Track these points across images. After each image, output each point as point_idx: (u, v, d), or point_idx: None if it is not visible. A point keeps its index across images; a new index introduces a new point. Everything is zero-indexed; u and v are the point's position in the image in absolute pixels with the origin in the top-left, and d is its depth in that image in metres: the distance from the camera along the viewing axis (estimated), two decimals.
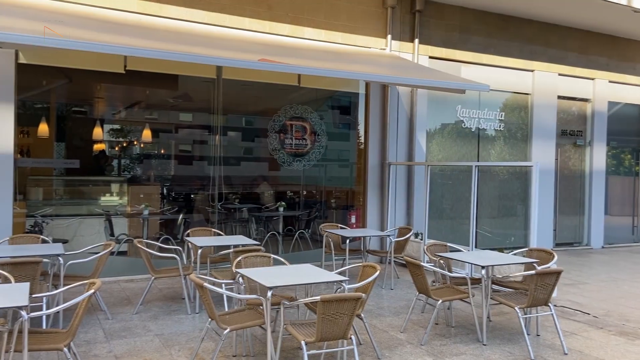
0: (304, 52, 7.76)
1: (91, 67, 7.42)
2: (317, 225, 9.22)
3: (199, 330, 5.22)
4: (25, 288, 3.63)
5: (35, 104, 8.56)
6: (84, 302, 3.61)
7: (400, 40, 9.11)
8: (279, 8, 8.10)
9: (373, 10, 8.87)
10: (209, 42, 6.95)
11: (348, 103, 9.89)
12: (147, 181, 10.34)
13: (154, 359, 4.47)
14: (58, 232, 7.77)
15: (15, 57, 6.51)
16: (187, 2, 7.44)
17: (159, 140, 10.69)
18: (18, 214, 6.74)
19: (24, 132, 8.19)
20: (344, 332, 3.82)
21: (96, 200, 8.87)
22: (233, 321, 4.19)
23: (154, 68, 7.74)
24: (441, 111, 9.83)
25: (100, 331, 5.13)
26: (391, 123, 9.08)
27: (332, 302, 3.69)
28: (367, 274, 4.54)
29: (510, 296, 5.25)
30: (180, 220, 9.07)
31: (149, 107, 10.29)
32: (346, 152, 10.09)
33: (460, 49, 9.74)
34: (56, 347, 3.55)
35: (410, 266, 5.17)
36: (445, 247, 6.06)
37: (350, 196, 9.90)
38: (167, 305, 6.14)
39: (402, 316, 5.87)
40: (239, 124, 11.13)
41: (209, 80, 8.43)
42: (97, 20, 6.56)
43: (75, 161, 8.13)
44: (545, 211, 10.59)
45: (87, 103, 9.94)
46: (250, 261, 5.03)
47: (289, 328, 4.05)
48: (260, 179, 10.70)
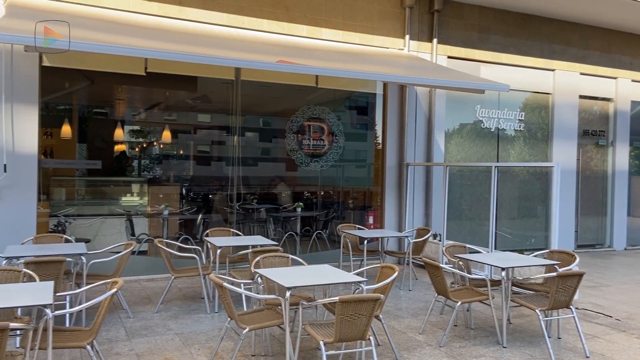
0: (321, 53, 7.78)
1: (112, 69, 7.54)
2: (335, 225, 9.23)
3: (218, 329, 5.27)
4: (49, 287, 3.70)
5: (57, 106, 8.72)
6: (106, 301, 3.68)
7: (418, 40, 9.06)
8: (297, 9, 8.13)
9: (391, 10, 8.84)
10: (227, 44, 7.01)
11: (365, 103, 9.87)
12: (167, 181, 10.47)
13: (175, 357, 4.52)
14: (80, 231, 7.91)
15: (39, 61, 6.64)
16: (207, 4, 7.51)
17: (178, 141, 10.81)
18: (42, 214, 6.88)
19: (47, 133, 8.35)
20: (363, 333, 3.82)
21: (117, 201, 9.01)
22: (252, 321, 4.22)
23: (173, 70, 7.83)
24: (460, 111, 9.76)
25: (122, 329, 5.21)
26: (409, 123, 9.04)
27: (351, 302, 3.70)
28: (386, 275, 4.53)
29: (531, 298, 5.19)
30: (199, 220, 9.16)
31: (168, 109, 10.41)
32: (363, 153, 10.08)
33: (480, 48, 9.66)
34: (79, 344, 3.61)
35: (429, 267, 5.15)
36: (464, 249, 6.01)
37: (367, 197, 9.89)
38: (187, 304, 6.20)
39: (421, 317, 5.84)
40: (257, 124, 11.20)
41: (227, 82, 8.50)
42: (118, 24, 6.66)
43: (97, 162, 8.27)
44: (566, 212, 10.44)
45: (108, 105, 10.10)
46: (268, 261, 5.06)
47: (307, 328, 4.06)
48: (278, 180, 10.74)
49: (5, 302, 3.43)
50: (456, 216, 9.62)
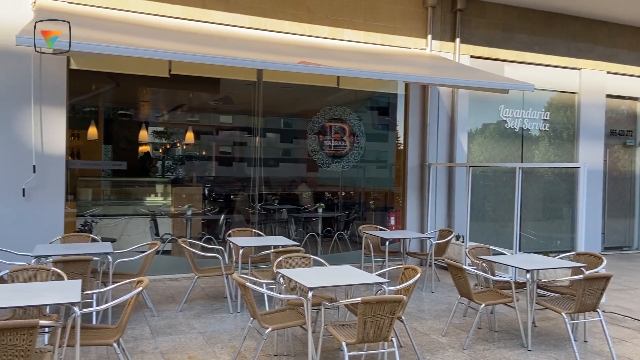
0: (343, 54, 7.78)
1: (137, 71, 7.67)
2: (356, 226, 9.22)
3: (241, 329, 5.31)
4: (77, 285, 3.78)
5: (84, 108, 8.89)
6: (132, 300, 3.74)
7: (440, 40, 9.00)
8: (319, 10, 8.15)
9: (413, 10, 8.80)
10: (250, 46, 7.06)
11: (387, 104, 9.84)
12: (190, 182, 10.58)
13: (198, 356, 4.57)
14: (106, 231, 8.06)
15: (67, 64, 6.79)
16: (229, 6, 7.58)
17: (201, 142, 10.92)
18: (69, 214, 7.03)
19: (74, 135, 8.52)
20: (385, 334, 3.81)
21: (142, 201, 9.14)
22: (274, 321, 4.24)
23: (197, 72, 7.94)
24: (483, 111, 9.65)
25: (146, 328, 5.29)
26: (431, 124, 8.98)
27: (373, 303, 3.69)
28: (408, 276, 4.51)
29: (557, 301, 5.10)
30: (221, 220, 9.24)
31: (191, 110, 10.53)
32: (385, 153, 10.04)
33: (503, 47, 9.54)
34: (106, 342, 3.68)
35: (452, 269, 5.10)
36: (488, 250, 5.95)
37: (389, 197, 9.85)
38: (210, 303, 6.27)
39: (444, 319, 5.80)
40: (278, 125, 11.24)
41: (249, 83, 8.56)
42: (143, 26, 6.77)
43: (122, 163, 8.42)
44: (593, 214, 10.23)
45: (133, 106, 10.26)
46: (290, 262, 5.08)
47: (329, 329, 4.07)
48: (299, 180, 10.77)
49: (35, 299, 3.52)
50: (479, 217, 9.51)
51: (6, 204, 6.45)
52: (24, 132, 6.51)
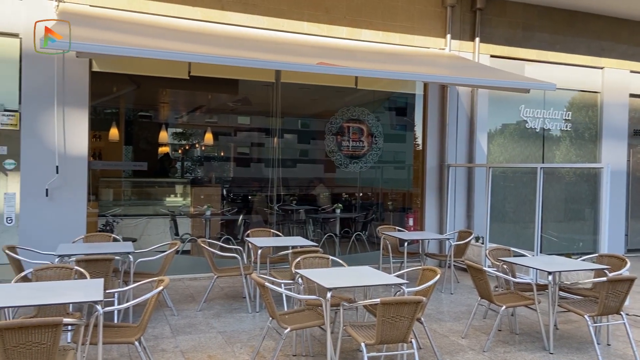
0: (361, 54, 7.77)
1: (158, 73, 7.76)
2: (374, 227, 9.19)
3: (260, 328, 5.34)
4: (100, 284, 3.84)
5: (105, 110, 9.04)
6: (153, 299, 3.78)
7: (460, 40, 8.92)
8: (337, 11, 8.15)
9: (432, 9, 8.74)
10: (268, 47, 7.09)
11: (405, 104, 9.79)
12: (209, 183, 10.67)
13: (218, 355, 4.61)
14: (127, 231, 8.16)
15: (89, 66, 6.90)
16: (248, 8, 7.63)
17: (219, 143, 11.00)
18: (91, 214, 7.14)
19: (96, 136, 8.66)
20: (404, 336, 3.79)
21: (161, 201, 9.25)
22: (293, 321, 4.25)
23: (216, 73, 7.99)
24: (503, 111, 9.54)
25: (167, 327, 5.35)
26: (450, 124, 8.91)
27: (392, 304, 3.67)
28: (427, 278, 4.48)
29: (579, 304, 5.02)
30: (240, 220, 9.29)
31: (210, 111, 10.62)
32: (403, 154, 10.00)
33: (524, 46, 9.42)
34: (128, 340, 3.73)
35: (472, 270, 5.05)
36: (508, 252, 5.88)
37: (407, 198, 9.80)
38: (229, 303, 6.30)
39: (463, 321, 5.74)
40: (296, 126, 11.27)
41: (268, 84, 8.60)
42: (163, 29, 6.85)
43: (143, 163, 8.53)
44: (616, 215, 10.04)
45: (153, 108, 10.39)
46: (308, 262, 5.08)
47: (348, 329, 4.06)
48: (317, 181, 10.78)
49: (59, 298, 3.58)
50: (499, 218, 9.40)
51: (30, 203, 6.58)
52: (48, 134, 6.63)
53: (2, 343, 2.87)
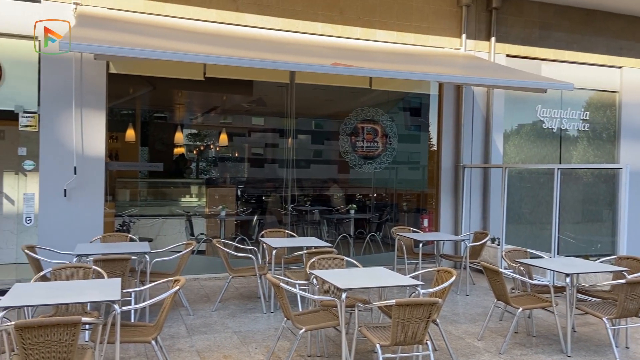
0: (376, 55, 7.75)
1: (173, 75, 7.83)
2: (389, 228, 9.16)
3: (274, 329, 5.35)
4: (117, 283, 3.88)
5: (122, 111, 9.14)
6: (169, 298, 3.82)
7: (475, 39, 8.86)
8: (351, 12, 8.14)
9: (447, 9, 8.69)
10: (283, 48, 7.11)
11: (419, 104, 9.75)
12: (223, 183, 10.73)
13: (233, 355, 4.63)
14: (143, 231, 8.24)
15: (107, 68, 6.98)
16: (262, 9, 7.65)
17: (234, 143, 11.06)
18: (108, 214, 7.22)
19: (113, 137, 8.76)
20: (420, 337, 3.78)
21: (177, 201, 9.32)
22: (308, 321, 4.25)
23: (230, 74, 8.03)
24: (519, 111, 9.45)
25: (182, 326, 5.39)
26: (466, 124, 8.84)
27: (407, 306, 3.66)
28: (443, 279, 4.45)
29: (597, 306, 4.95)
30: (254, 221, 9.33)
31: (224, 112, 10.68)
32: (417, 155, 9.95)
33: (541, 46, 9.32)
34: (145, 340, 3.77)
35: (488, 272, 5.01)
36: (525, 253, 5.82)
37: (422, 199, 9.75)
38: (244, 303, 6.33)
39: (479, 323, 5.70)
40: (310, 127, 11.28)
41: (282, 85, 8.62)
42: (180, 31, 6.90)
43: (159, 164, 8.60)
44: (635, 216, 9.84)
45: (169, 109, 10.48)
46: (323, 263, 5.08)
47: (363, 330, 4.05)
48: (331, 182, 10.78)
49: (77, 297, 3.63)
50: (515, 220, 9.31)
51: (49, 204, 6.68)
52: (66, 135, 6.73)
53: (22, 341, 2.92)
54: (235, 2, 7.51)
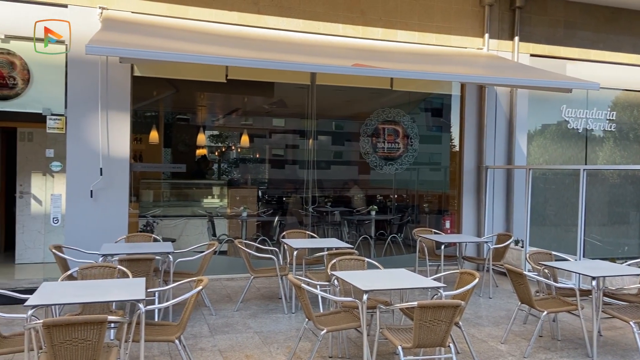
0: (397, 56, 7.72)
1: (196, 77, 7.92)
2: (410, 229, 9.10)
3: (295, 329, 5.37)
4: (142, 283, 3.94)
5: (145, 113, 9.28)
6: (193, 298, 3.86)
7: (498, 39, 8.76)
8: (372, 13, 8.13)
9: (469, 9, 8.61)
10: (304, 50, 7.14)
11: (440, 105, 9.68)
12: (245, 184, 10.81)
13: (255, 355, 4.66)
14: (166, 231, 8.35)
15: (131, 71, 7.10)
16: (283, 11, 7.69)
17: (255, 145, 11.13)
18: (132, 215, 7.33)
19: (136, 139, 8.90)
20: (442, 340, 3.75)
21: (199, 202, 9.42)
22: (329, 322, 4.26)
23: (252, 76, 8.10)
24: (544, 111, 9.31)
25: (205, 326, 5.45)
26: (488, 125, 8.75)
27: (430, 308, 3.64)
28: (465, 281, 4.41)
29: (625, 310, 4.85)
30: (275, 222, 9.37)
31: (245, 114, 10.76)
32: (439, 156, 9.88)
33: (565, 45, 9.17)
34: (168, 339, 3.82)
35: (512, 275, 4.95)
36: (549, 256, 5.72)
37: (443, 201, 9.67)
38: (265, 304, 6.37)
39: (502, 326, 5.63)
40: (331, 128, 11.29)
41: (303, 87, 8.65)
42: (202, 34, 6.98)
43: (182, 165, 8.70)
44: None
45: (191, 111, 10.60)
46: (344, 264, 5.08)
47: (385, 332, 4.04)
48: (352, 183, 10.76)
49: (104, 296, 3.70)
50: (539, 222, 9.17)
51: (75, 204, 6.81)
52: (92, 137, 6.86)
53: (49, 339, 2.99)
54: (256, 5, 7.57)
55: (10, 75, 6.59)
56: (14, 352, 3.58)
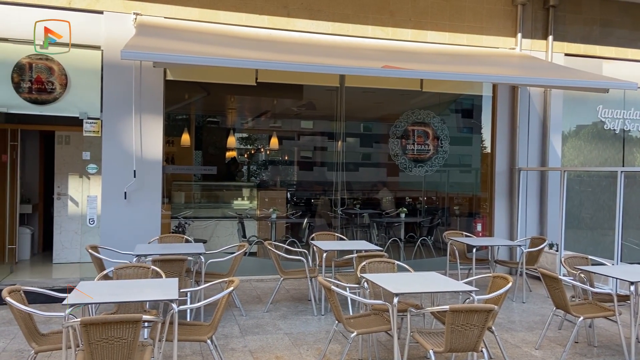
0: (427, 57, 7.65)
1: (226, 80, 8.02)
2: (440, 232, 9.00)
3: (325, 331, 5.37)
4: (175, 283, 4.01)
5: (177, 116, 9.44)
6: (224, 299, 3.90)
7: (531, 39, 8.59)
8: (402, 14, 8.08)
9: (501, 8, 8.48)
10: (333, 52, 7.15)
11: (471, 106, 9.54)
12: (274, 186, 10.88)
13: (285, 356, 4.68)
14: (197, 232, 8.48)
15: (164, 75, 7.24)
16: (313, 14, 7.72)
17: (283, 147, 11.19)
18: (165, 216, 7.47)
19: (169, 141, 9.07)
20: (475, 345, 3.69)
21: (229, 204, 9.53)
22: (359, 325, 4.24)
23: (281, 79, 8.15)
24: (579, 112, 9.08)
25: (235, 327, 5.50)
26: (521, 126, 8.58)
27: (462, 312, 3.59)
28: (498, 285, 4.33)
29: None
30: (304, 224, 9.40)
31: (274, 116, 10.84)
32: (469, 157, 9.74)
33: (601, 44, 8.92)
34: (201, 339, 3.87)
35: (547, 279, 4.84)
36: (586, 260, 5.58)
37: (474, 203, 9.53)
38: (295, 305, 6.39)
39: (536, 332, 5.50)
40: (359, 130, 11.27)
41: (332, 89, 8.66)
42: (233, 38, 7.07)
43: (213, 167, 8.82)
44: None
45: (221, 114, 10.75)
46: (374, 266, 5.06)
47: (416, 336, 4.00)
48: (380, 185, 10.71)
49: (138, 295, 3.78)
50: (574, 225, 8.94)
51: (110, 206, 6.98)
52: (127, 140, 7.02)
53: (87, 337, 3.06)
54: (286, 8, 7.62)
55: (49, 80, 6.81)
56: (52, 350, 3.68)
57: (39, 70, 6.76)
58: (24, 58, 6.70)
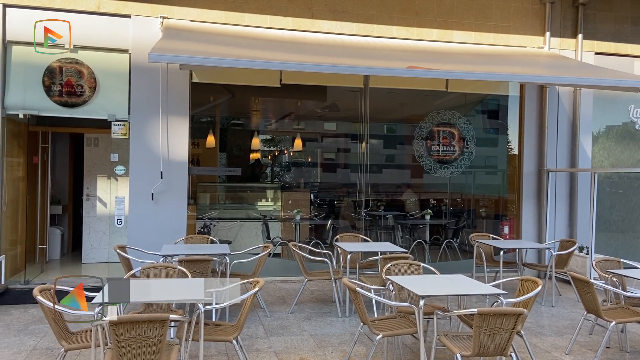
0: (453, 56, 7.56)
1: (251, 82, 8.06)
2: (466, 234, 8.88)
3: (350, 333, 5.34)
4: (201, 283, 4.04)
5: (202, 118, 9.54)
6: (249, 299, 3.92)
7: (560, 37, 8.41)
8: (427, 14, 8.01)
9: (529, 6, 8.33)
10: (358, 53, 7.12)
11: (497, 106, 9.39)
12: (297, 188, 10.90)
13: (310, 357, 4.67)
14: (222, 233, 8.54)
15: (190, 77, 7.32)
16: (337, 15, 7.71)
17: (307, 148, 11.21)
18: (190, 217, 7.55)
19: (194, 143, 9.17)
20: (503, 349, 3.62)
21: (253, 205, 9.58)
22: (385, 327, 4.21)
23: (305, 81, 8.16)
24: (609, 112, 8.85)
25: (260, 327, 5.51)
26: (550, 126, 8.40)
27: (490, 315, 3.52)
28: (527, 289, 4.24)
29: None
30: (328, 225, 9.38)
31: (298, 118, 10.86)
32: (496, 159, 9.59)
33: (633, 42, 8.69)
34: (226, 339, 3.89)
35: (578, 283, 4.72)
36: (618, 264, 5.42)
37: (501, 205, 9.37)
38: (319, 307, 6.38)
39: (566, 337, 5.37)
40: (384, 131, 11.21)
41: (356, 90, 8.63)
42: (258, 39, 7.10)
43: (238, 169, 8.89)
44: None
45: (245, 116, 10.82)
46: (399, 268, 5.01)
47: (442, 339, 3.95)
48: (405, 186, 10.63)
49: (165, 295, 3.81)
50: (605, 228, 8.71)
51: (138, 207, 7.08)
52: (153, 141, 7.12)
53: (115, 336, 3.10)
54: (310, 10, 7.62)
55: (79, 83, 6.95)
56: (82, 348, 3.75)
57: (69, 74, 6.90)
58: (54, 62, 6.85)
